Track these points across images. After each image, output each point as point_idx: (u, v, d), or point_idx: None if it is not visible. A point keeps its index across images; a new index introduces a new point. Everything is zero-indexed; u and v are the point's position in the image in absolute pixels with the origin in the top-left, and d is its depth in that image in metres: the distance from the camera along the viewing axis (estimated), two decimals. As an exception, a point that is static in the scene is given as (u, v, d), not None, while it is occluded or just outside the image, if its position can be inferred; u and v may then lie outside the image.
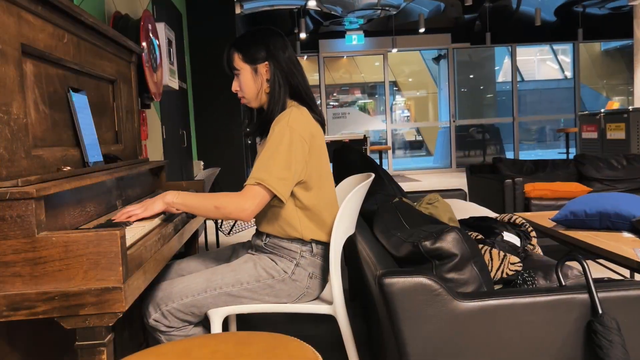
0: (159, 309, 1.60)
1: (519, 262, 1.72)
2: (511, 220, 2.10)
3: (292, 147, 1.57)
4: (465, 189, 4.13)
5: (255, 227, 1.80)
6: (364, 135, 7.80)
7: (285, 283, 1.67)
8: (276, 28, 1.75)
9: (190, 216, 1.89)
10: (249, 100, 1.75)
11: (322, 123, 1.74)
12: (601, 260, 2.20)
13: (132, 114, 2.21)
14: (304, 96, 1.72)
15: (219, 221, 4.30)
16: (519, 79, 11.41)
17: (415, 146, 13.86)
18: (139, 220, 1.55)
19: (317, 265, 1.71)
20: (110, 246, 1.15)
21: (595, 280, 1.35)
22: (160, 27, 3.27)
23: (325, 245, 1.73)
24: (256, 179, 1.54)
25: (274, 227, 1.70)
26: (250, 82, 1.70)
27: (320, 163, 1.69)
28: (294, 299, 1.70)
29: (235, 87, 1.75)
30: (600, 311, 1.28)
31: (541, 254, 2.09)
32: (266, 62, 1.68)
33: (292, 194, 1.64)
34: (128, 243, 1.29)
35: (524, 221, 2.10)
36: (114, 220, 1.52)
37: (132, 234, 1.37)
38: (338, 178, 2.32)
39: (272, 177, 1.53)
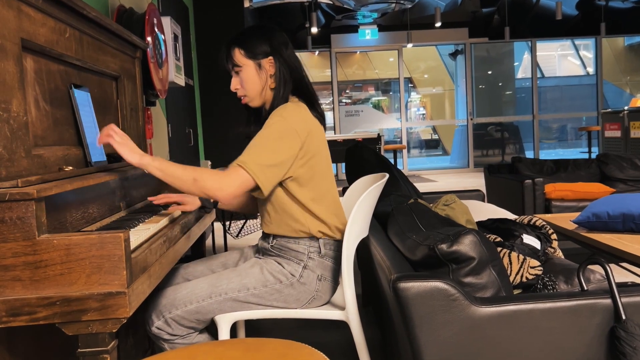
0: (162, 316, 1.58)
1: (539, 266, 1.71)
2: (531, 222, 2.10)
3: (282, 139, 1.54)
4: (483, 189, 4.08)
5: None
6: (378, 134, 7.71)
7: (294, 287, 1.64)
8: (276, 26, 1.74)
9: (197, 218, 1.85)
10: (251, 98, 1.70)
11: (321, 120, 1.71)
12: (624, 264, 2.18)
13: (137, 111, 2.19)
14: (306, 92, 1.70)
15: (227, 223, 4.26)
16: (539, 75, 11.25)
17: (431, 145, 13.75)
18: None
19: (327, 267, 1.68)
20: (113, 249, 1.13)
21: (619, 285, 1.32)
22: (166, 21, 3.24)
23: (334, 246, 1.70)
24: (240, 162, 1.51)
25: (280, 227, 1.67)
26: (254, 78, 1.66)
27: (321, 159, 1.66)
28: (303, 304, 1.67)
29: (235, 85, 1.70)
30: (623, 317, 1.26)
31: (562, 257, 2.11)
32: (270, 57, 1.65)
33: (289, 191, 1.62)
34: (132, 246, 1.27)
35: (544, 223, 2.10)
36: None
37: (137, 236, 1.34)
38: (351, 178, 2.29)
39: (255, 164, 1.50)
